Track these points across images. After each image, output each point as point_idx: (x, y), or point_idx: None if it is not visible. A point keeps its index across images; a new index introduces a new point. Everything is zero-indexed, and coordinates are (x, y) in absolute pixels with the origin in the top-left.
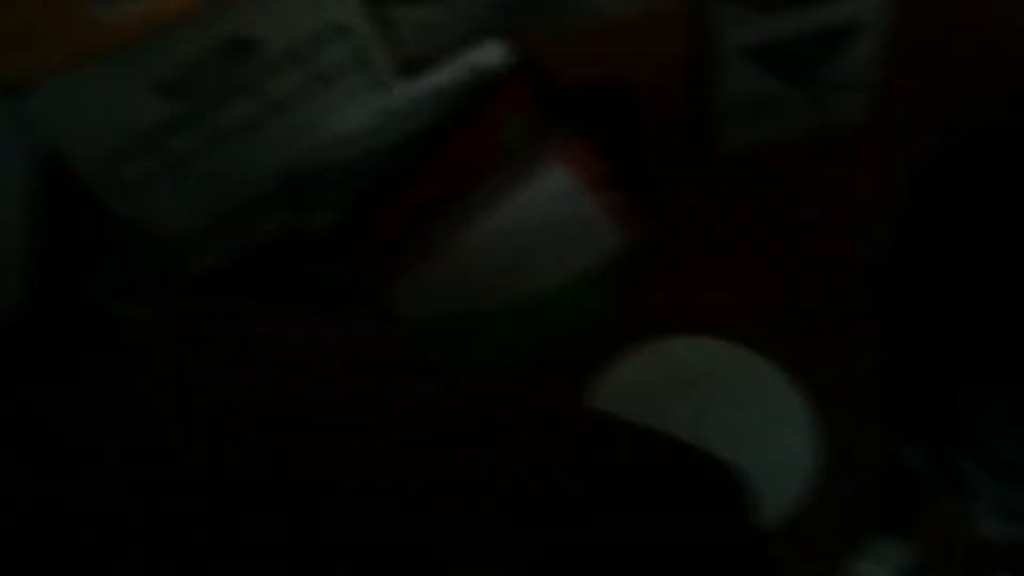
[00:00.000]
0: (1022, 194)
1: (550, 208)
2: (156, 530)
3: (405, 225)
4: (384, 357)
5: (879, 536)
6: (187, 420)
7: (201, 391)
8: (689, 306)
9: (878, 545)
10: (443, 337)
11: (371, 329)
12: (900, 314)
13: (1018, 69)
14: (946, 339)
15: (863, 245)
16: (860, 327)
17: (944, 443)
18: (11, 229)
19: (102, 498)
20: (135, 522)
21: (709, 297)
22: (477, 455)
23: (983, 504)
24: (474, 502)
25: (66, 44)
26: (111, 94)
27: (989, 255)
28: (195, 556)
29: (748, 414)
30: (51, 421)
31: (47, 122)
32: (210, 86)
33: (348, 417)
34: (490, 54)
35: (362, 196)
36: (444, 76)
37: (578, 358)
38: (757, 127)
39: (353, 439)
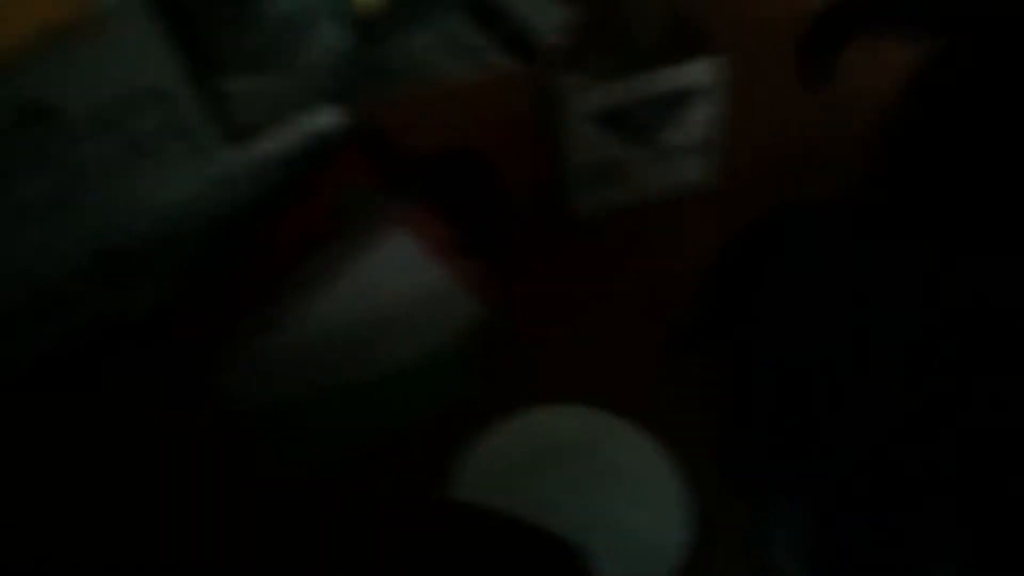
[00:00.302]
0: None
1: (397, 277)
2: None
3: (238, 301)
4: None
5: None
6: None
7: None
8: (554, 375)
9: None
10: (287, 422)
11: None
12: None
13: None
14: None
15: None
16: None
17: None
18: None
19: None
20: None
21: (573, 365)
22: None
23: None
24: None
25: None
26: None
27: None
28: None
29: (617, 484)
30: None
31: None
32: (5, 157)
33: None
34: (325, 119)
35: (189, 272)
36: (274, 143)
37: (440, 435)
38: (607, 191)
39: None
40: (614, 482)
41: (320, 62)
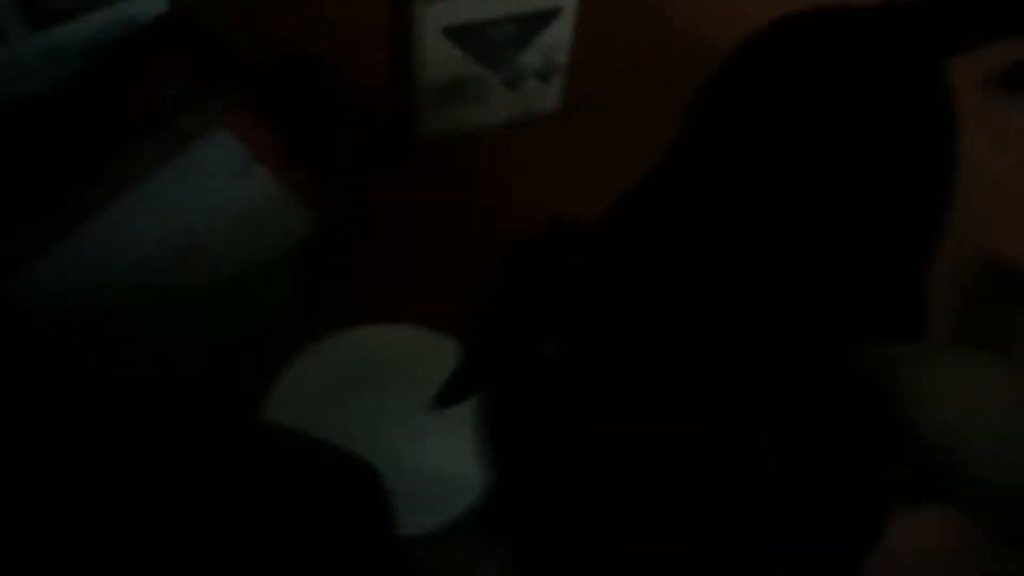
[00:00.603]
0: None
1: (216, 182)
2: None
3: (32, 199)
4: None
5: None
6: None
7: None
8: (381, 295)
9: None
10: (96, 334)
11: None
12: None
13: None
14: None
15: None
16: None
17: None
18: None
19: None
20: None
21: (402, 286)
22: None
23: None
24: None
25: None
26: None
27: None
28: None
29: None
30: None
31: None
32: None
33: None
34: (145, 7)
35: None
36: (86, 25)
37: (262, 352)
38: (455, 112)
39: None
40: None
41: None
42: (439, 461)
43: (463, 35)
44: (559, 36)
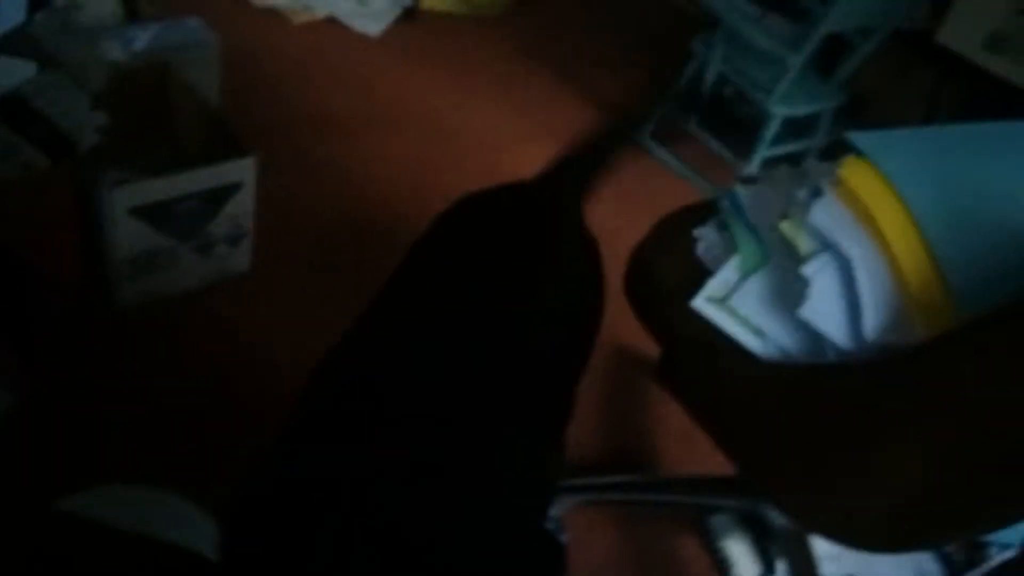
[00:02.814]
0: None
1: None
2: None
3: None
4: None
5: None
6: None
7: None
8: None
9: None
10: None
11: None
12: None
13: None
14: None
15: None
16: None
17: None
18: None
19: None
20: None
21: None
22: None
23: None
24: None
25: None
26: None
27: None
28: None
29: None
30: None
31: None
32: None
33: None
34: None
35: None
36: None
37: None
38: (151, 281)
39: None
40: None
41: None
42: None
43: (151, 213)
44: (243, 205)
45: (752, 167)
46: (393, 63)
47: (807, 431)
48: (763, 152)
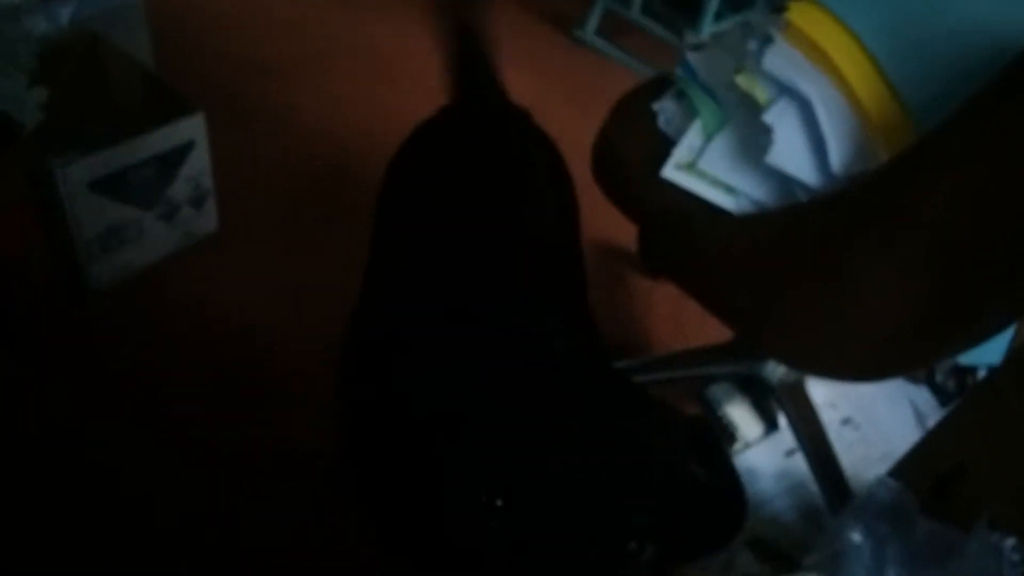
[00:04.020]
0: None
1: None
2: None
3: None
4: None
5: None
6: None
7: None
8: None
9: None
10: None
11: None
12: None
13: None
14: None
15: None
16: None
17: None
18: None
19: None
20: None
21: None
22: None
23: None
24: None
25: None
26: None
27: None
28: None
29: None
30: None
31: None
32: None
33: None
34: None
35: None
36: None
37: None
38: (120, 256)
39: None
40: None
41: None
42: None
43: (109, 185)
44: (200, 165)
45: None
46: (321, 0)
47: (788, 271)
48: (707, 28)
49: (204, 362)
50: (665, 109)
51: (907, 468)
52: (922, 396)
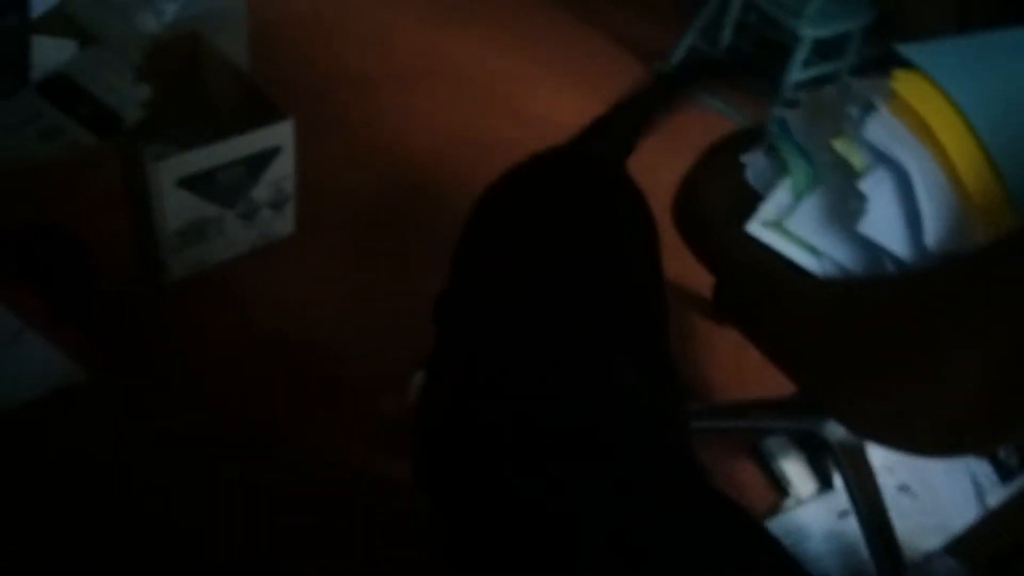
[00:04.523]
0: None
1: None
2: None
3: None
4: None
5: None
6: None
7: None
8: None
9: None
10: None
11: None
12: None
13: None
14: None
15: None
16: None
17: None
18: None
19: None
20: None
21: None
22: None
23: None
24: None
25: None
26: None
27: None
28: None
29: None
30: None
31: None
32: None
33: None
34: None
35: None
36: None
37: None
38: (198, 252)
39: None
40: None
41: None
42: None
43: (196, 183)
44: (284, 170)
45: (784, 93)
46: (411, 18)
47: (868, 341)
48: (794, 76)
49: (270, 360)
50: (754, 163)
51: (965, 544)
52: (982, 469)
